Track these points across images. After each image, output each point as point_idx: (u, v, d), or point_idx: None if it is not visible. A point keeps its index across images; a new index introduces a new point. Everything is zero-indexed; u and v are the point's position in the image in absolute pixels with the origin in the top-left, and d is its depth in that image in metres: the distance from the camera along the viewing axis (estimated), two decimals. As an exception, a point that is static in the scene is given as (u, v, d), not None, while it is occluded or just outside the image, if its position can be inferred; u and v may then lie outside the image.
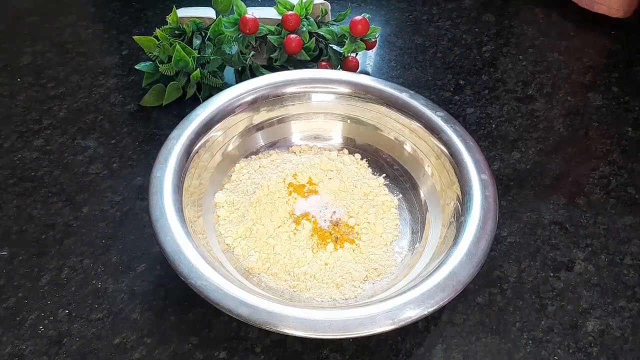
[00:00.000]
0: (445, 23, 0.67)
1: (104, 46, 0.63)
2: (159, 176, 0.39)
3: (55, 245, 0.43)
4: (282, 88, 0.48)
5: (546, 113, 0.56)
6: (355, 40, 0.56)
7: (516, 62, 0.62)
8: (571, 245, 0.44)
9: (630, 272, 0.43)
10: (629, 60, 0.62)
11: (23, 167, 0.49)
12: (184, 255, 0.34)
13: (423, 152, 0.46)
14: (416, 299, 0.33)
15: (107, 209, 0.46)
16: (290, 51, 0.55)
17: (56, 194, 0.47)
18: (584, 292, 0.41)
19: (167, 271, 0.41)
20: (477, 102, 0.57)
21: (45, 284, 0.41)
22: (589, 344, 0.39)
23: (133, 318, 0.39)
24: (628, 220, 0.46)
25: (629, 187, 0.49)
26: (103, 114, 0.55)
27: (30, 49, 0.62)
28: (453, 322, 0.39)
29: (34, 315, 0.39)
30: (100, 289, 0.41)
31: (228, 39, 0.54)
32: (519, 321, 0.40)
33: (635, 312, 0.40)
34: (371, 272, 0.40)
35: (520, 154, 0.52)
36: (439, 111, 0.45)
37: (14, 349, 0.37)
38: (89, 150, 0.51)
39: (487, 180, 0.40)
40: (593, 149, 0.53)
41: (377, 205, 0.44)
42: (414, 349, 0.38)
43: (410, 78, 0.59)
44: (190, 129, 0.42)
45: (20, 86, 0.58)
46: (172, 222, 0.36)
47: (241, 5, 0.54)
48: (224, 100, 0.45)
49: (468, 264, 0.35)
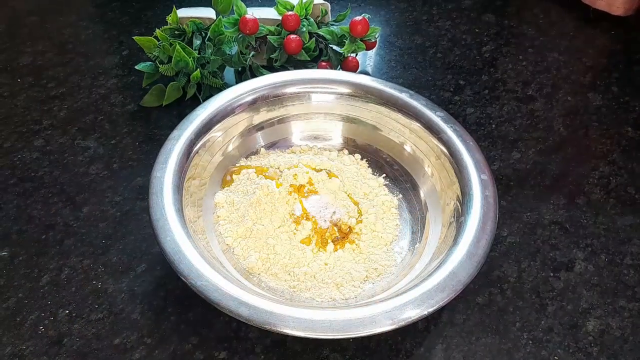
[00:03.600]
0: (445, 23, 0.67)
1: (104, 46, 0.63)
2: (159, 176, 0.39)
3: (56, 245, 0.43)
4: (282, 88, 0.48)
5: (546, 113, 0.56)
6: (355, 40, 0.56)
7: (516, 62, 0.62)
8: (571, 245, 0.44)
9: (630, 272, 0.43)
10: (629, 60, 0.62)
11: (23, 167, 0.49)
12: (184, 256, 0.34)
13: (423, 152, 0.46)
14: (416, 299, 0.33)
15: (107, 209, 0.46)
16: (290, 51, 0.55)
17: (56, 194, 0.47)
18: (584, 292, 0.41)
19: (167, 271, 0.41)
20: (477, 102, 0.57)
21: (45, 284, 0.41)
22: (589, 344, 0.39)
23: (133, 318, 0.39)
24: (628, 220, 0.46)
25: (628, 187, 0.49)
26: (103, 114, 0.55)
27: (30, 49, 0.62)
28: (453, 322, 0.39)
29: (34, 315, 0.39)
30: (100, 289, 0.41)
31: (228, 39, 0.54)
32: (519, 321, 0.40)
33: (635, 312, 0.40)
34: (371, 272, 0.40)
35: (520, 154, 0.52)
36: (439, 111, 0.45)
37: (14, 349, 0.37)
38: (89, 151, 0.51)
39: (487, 180, 0.40)
40: (593, 149, 0.53)
41: (377, 206, 0.44)
42: (414, 349, 0.38)
43: (410, 78, 0.59)
44: (191, 130, 0.42)
45: (21, 86, 0.58)
46: (172, 223, 0.36)
47: (241, 5, 0.54)
48: (224, 100, 0.45)
49: (468, 264, 0.35)
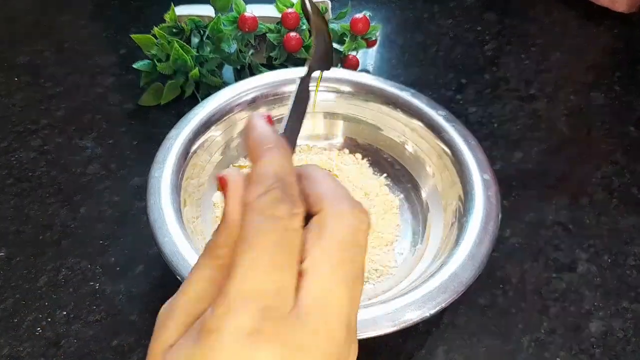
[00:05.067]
0: (446, 21, 0.67)
1: (102, 45, 0.63)
2: (157, 176, 0.38)
3: (53, 246, 0.43)
4: (282, 87, 0.47)
5: (549, 112, 0.56)
6: (355, 38, 0.55)
7: (518, 60, 0.62)
8: (574, 246, 0.44)
9: (634, 273, 0.42)
10: (632, 59, 0.62)
11: (20, 167, 0.49)
12: (182, 257, 0.34)
13: (424, 151, 0.45)
14: (417, 301, 0.33)
15: (105, 210, 0.46)
16: (290, 49, 0.54)
17: (54, 194, 0.47)
18: (587, 293, 0.41)
19: (165, 272, 0.41)
20: (479, 101, 0.56)
21: (42, 285, 0.41)
22: (592, 346, 0.38)
23: (131, 320, 0.39)
24: (631, 221, 0.46)
25: (632, 187, 0.49)
26: (101, 114, 0.54)
27: (27, 48, 0.62)
28: (455, 323, 0.39)
29: (31, 316, 0.39)
30: (98, 290, 0.40)
31: (227, 37, 0.53)
32: (521, 323, 0.39)
33: (638, 314, 0.40)
34: (372, 273, 0.40)
35: (523, 154, 0.51)
36: (441, 110, 0.45)
37: (12, 350, 0.37)
38: (87, 150, 0.51)
39: (489, 180, 0.40)
40: (596, 148, 0.52)
41: (378, 206, 0.44)
42: (415, 351, 0.37)
43: (412, 77, 0.59)
44: (189, 129, 0.42)
45: (18, 85, 0.57)
46: (171, 223, 0.36)
47: (240, 3, 0.54)
48: (222, 99, 0.45)
49: (470, 265, 0.34)
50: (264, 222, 0.16)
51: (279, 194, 0.17)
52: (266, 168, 0.18)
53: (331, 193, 0.18)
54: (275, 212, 0.16)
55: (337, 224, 0.17)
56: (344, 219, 0.17)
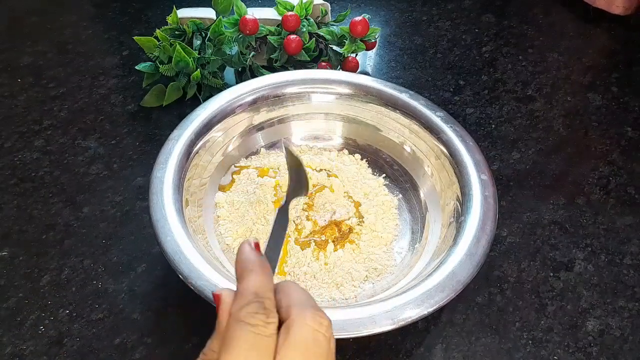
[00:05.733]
0: (445, 23, 0.67)
1: (105, 47, 0.63)
2: (160, 176, 0.39)
3: (56, 245, 0.43)
4: (282, 88, 0.48)
5: (546, 113, 0.56)
6: (355, 40, 0.56)
7: (516, 62, 0.62)
8: (571, 245, 0.45)
9: (630, 272, 0.43)
10: (628, 61, 0.62)
11: (23, 167, 0.50)
12: (184, 256, 0.34)
13: (423, 152, 0.46)
14: (416, 299, 0.33)
15: (108, 209, 0.46)
16: (290, 52, 0.55)
17: (57, 194, 0.47)
18: (584, 292, 0.41)
19: (167, 271, 0.41)
20: (477, 103, 0.57)
21: (45, 284, 0.41)
22: (589, 344, 0.39)
23: (133, 318, 0.39)
24: (627, 220, 0.46)
25: (628, 187, 0.49)
26: (103, 115, 0.55)
27: (30, 50, 0.62)
28: (453, 322, 0.39)
29: (34, 315, 0.39)
30: (100, 289, 0.41)
31: (228, 39, 0.54)
32: (519, 321, 0.40)
33: (635, 312, 0.40)
34: (371, 272, 0.40)
35: (520, 154, 0.52)
36: (439, 111, 0.45)
37: (15, 349, 0.37)
38: (90, 151, 0.51)
39: (486, 181, 0.40)
40: (593, 149, 0.53)
41: (377, 205, 0.44)
42: (414, 348, 0.38)
43: (410, 78, 0.60)
44: (191, 130, 0.42)
45: (21, 87, 0.58)
46: (173, 223, 0.36)
47: (241, 5, 0.54)
48: (224, 100, 0.45)
49: (468, 264, 0.35)
50: (242, 329, 0.20)
51: (255, 307, 0.21)
52: (248, 285, 0.22)
53: (298, 303, 0.22)
54: (252, 321, 0.20)
55: (299, 327, 0.21)
56: (305, 323, 0.21)
